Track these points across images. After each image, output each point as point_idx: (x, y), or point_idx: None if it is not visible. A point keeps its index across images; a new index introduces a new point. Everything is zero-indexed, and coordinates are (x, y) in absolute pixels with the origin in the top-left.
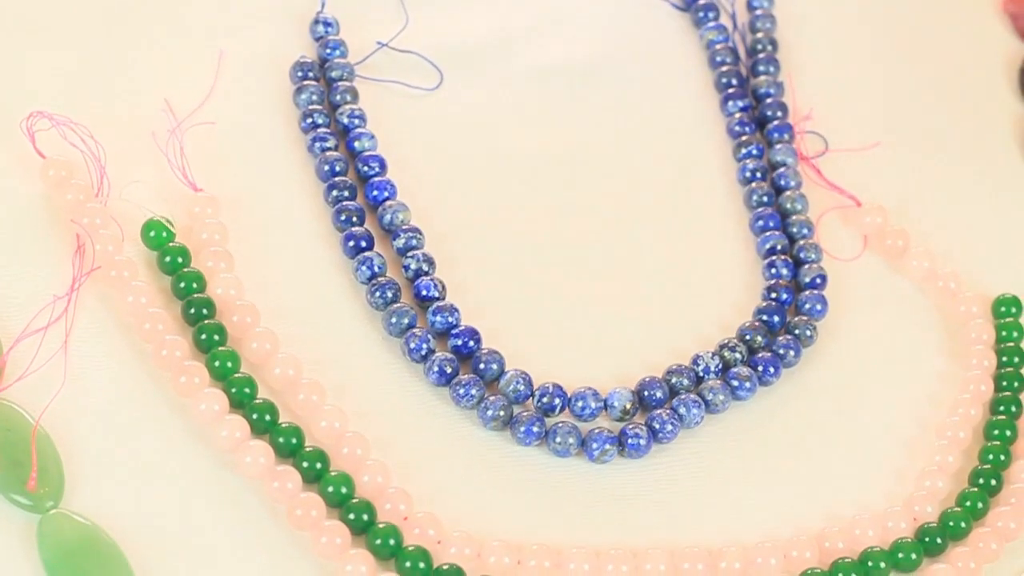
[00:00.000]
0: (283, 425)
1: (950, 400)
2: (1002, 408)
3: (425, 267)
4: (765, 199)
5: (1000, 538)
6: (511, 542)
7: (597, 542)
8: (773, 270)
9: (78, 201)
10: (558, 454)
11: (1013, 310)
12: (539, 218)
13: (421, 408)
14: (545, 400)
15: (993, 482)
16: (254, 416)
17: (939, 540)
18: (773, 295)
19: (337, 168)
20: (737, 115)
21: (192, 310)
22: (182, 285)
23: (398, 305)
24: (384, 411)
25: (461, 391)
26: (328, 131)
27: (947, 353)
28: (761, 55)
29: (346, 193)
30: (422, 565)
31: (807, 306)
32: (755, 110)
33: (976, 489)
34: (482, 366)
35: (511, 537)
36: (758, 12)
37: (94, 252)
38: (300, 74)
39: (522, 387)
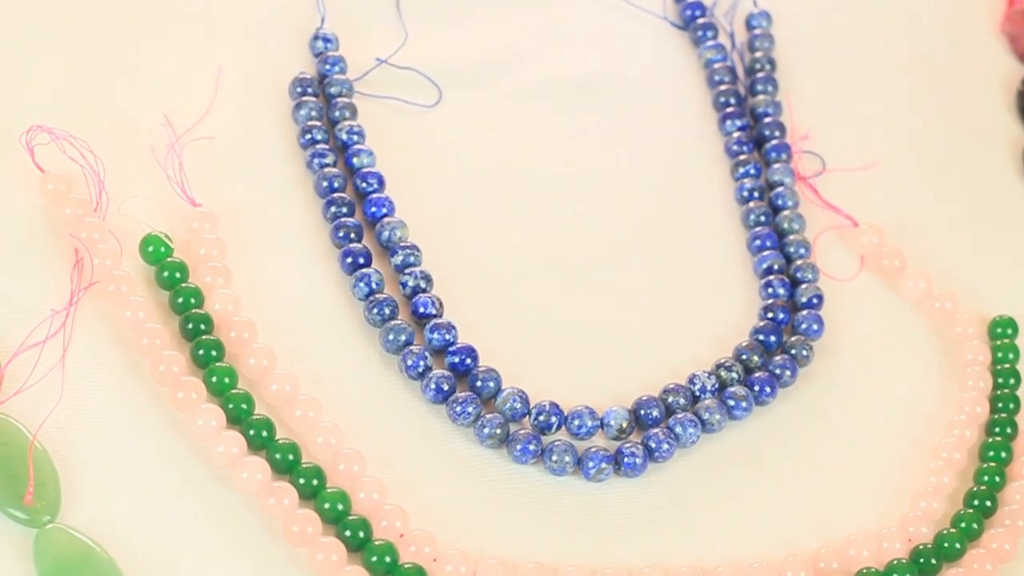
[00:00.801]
0: (280, 441)
1: (945, 421)
2: (997, 429)
3: (423, 284)
4: (762, 218)
5: (994, 559)
6: (506, 560)
7: (592, 560)
8: (770, 290)
9: (77, 215)
10: (554, 472)
11: (1009, 331)
12: (537, 236)
13: (418, 425)
14: (542, 418)
15: (988, 503)
16: (251, 432)
17: (933, 561)
18: (770, 315)
19: (336, 184)
20: (735, 134)
21: (190, 325)
22: (180, 300)
23: (396, 322)
24: (381, 428)
25: (458, 408)
26: (327, 147)
27: (943, 374)
28: (759, 74)
29: (344, 209)
30: None
31: (803, 326)
32: (753, 129)
33: (971, 510)
34: (479, 384)
35: (506, 555)
36: (756, 32)
37: (92, 266)
38: (299, 90)
39: (519, 405)
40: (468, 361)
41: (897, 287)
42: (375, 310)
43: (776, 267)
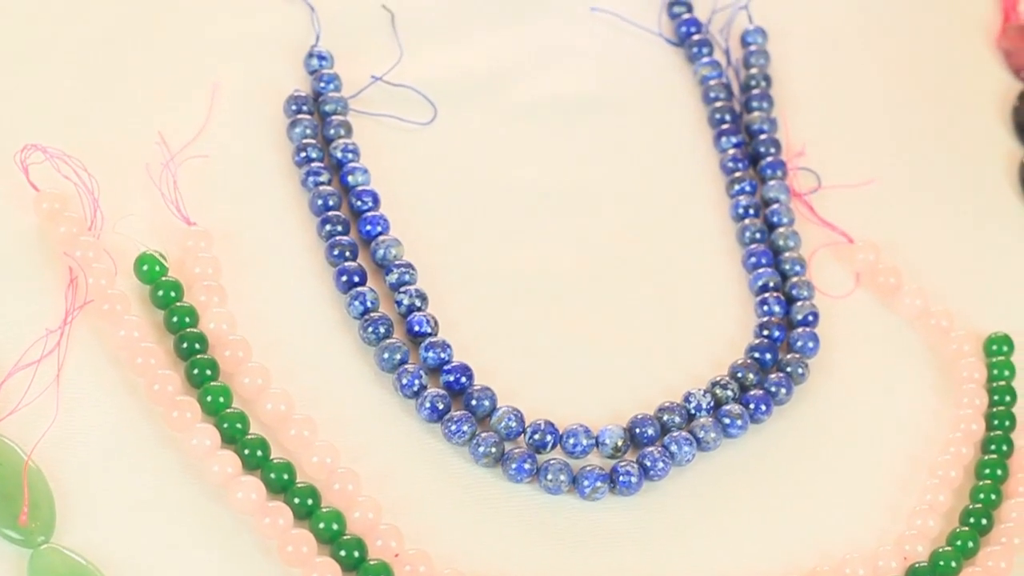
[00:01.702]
0: (275, 461)
1: (941, 439)
2: (993, 447)
3: (418, 303)
4: (758, 236)
5: None
6: None
7: None
8: (765, 307)
9: (71, 234)
10: (549, 491)
11: (1005, 348)
12: (532, 253)
13: (413, 444)
14: (537, 437)
15: (984, 521)
16: (246, 451)
17: None
18: (765, 332)
19: (330, 202)
20: (730, 151)
21: (184, 344)
22: (175, 319)
23: (390, 341)
24: (376, 447)
25: (453, 427)
26: (322, 165)
27: (939, 391)
28: (755, 91)
29: (339, 228)
30: None
31: (799, 343)
32: (748, 146)
33: (966, 528)
34: (474, 402)
35: (501, 574)
36: (752, 48)
37: (87, 285)
38: (294, 108)
39: (514, 424)
40: (463, 380)
41: (893, 304)
42: (370, 329)
43: (771, 284)
